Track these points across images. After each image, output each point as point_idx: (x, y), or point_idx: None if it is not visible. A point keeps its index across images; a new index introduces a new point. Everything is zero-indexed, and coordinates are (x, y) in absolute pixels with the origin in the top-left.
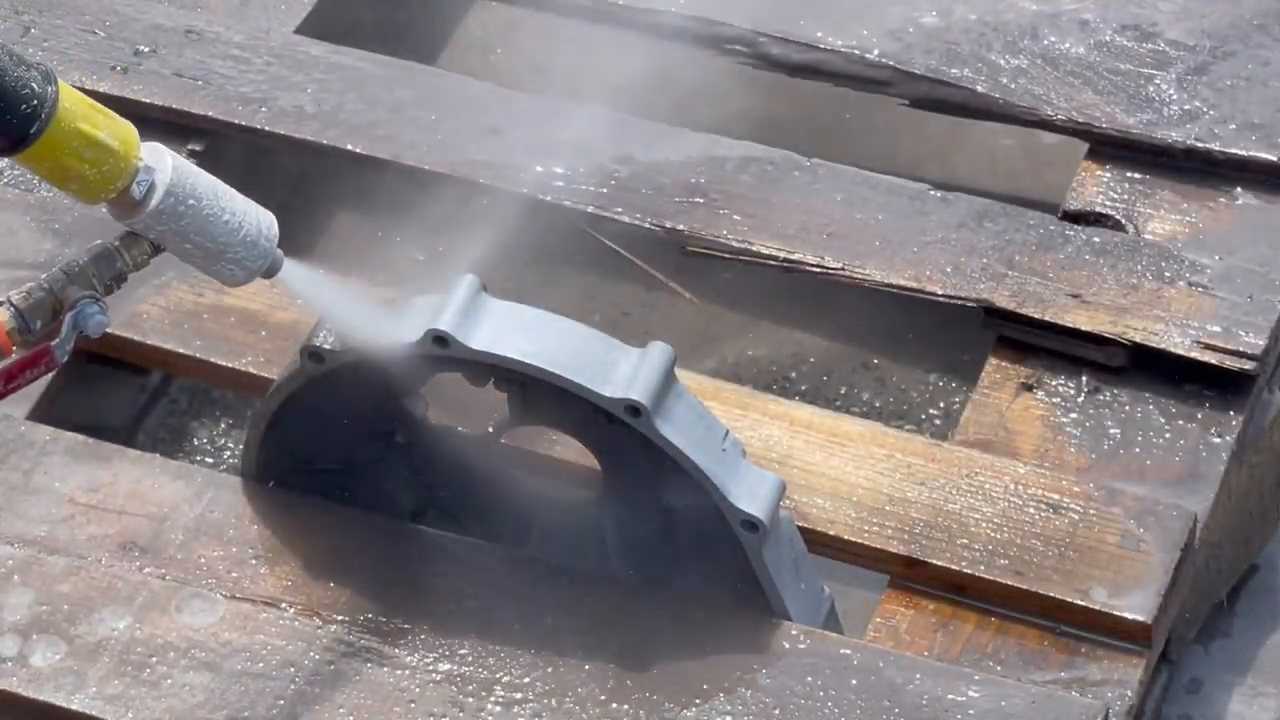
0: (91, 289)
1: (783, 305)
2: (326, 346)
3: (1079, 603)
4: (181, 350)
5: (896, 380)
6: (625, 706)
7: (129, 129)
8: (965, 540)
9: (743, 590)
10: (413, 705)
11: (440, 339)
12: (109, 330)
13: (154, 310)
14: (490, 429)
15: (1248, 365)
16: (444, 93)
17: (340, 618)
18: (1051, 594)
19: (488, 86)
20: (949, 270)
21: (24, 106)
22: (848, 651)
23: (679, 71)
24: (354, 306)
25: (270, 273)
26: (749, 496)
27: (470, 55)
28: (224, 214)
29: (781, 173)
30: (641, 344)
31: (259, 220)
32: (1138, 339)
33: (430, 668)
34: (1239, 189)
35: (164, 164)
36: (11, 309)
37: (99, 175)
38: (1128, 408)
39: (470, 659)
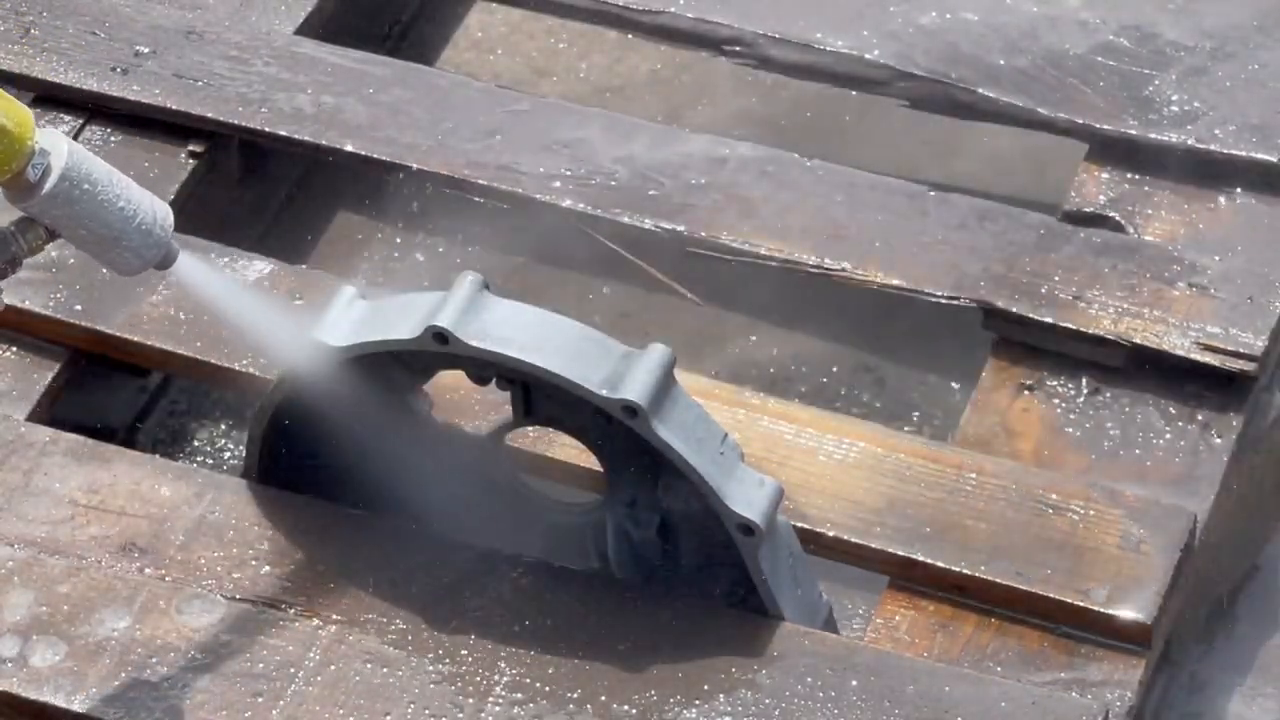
0: None
1: (783, 305)
2: (329, 342)
3: (1079, 603)
4: (181, 351)
5: (896, 380)
6: (625, 706)
7: (25, 112)
8: (965, 540)
9: (740, 594)
10: (413, 705)
11: (440, 335)
12: (109, 330)
13: (154, 311)
14: (493, 429)
15: (1248, 366)
16: (444, 93)
17: (340, 618)
18: (1051, 595)
19: (487, 86)
20: (949, 270)
21: None
22: (847, 652)
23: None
24: (249, 308)
25: (165, 264)
26: (746, 500)
27: (470, 55)
28: (119, 200)
29: (781, 173)
30: (641, 344)
31: (154, 210)
32: (1138, 340)
33: (430, 668)
34: (1239, 189)
35: (60, 149)
36: None
37: None
38: (1128, 408)
39: (470, 659)
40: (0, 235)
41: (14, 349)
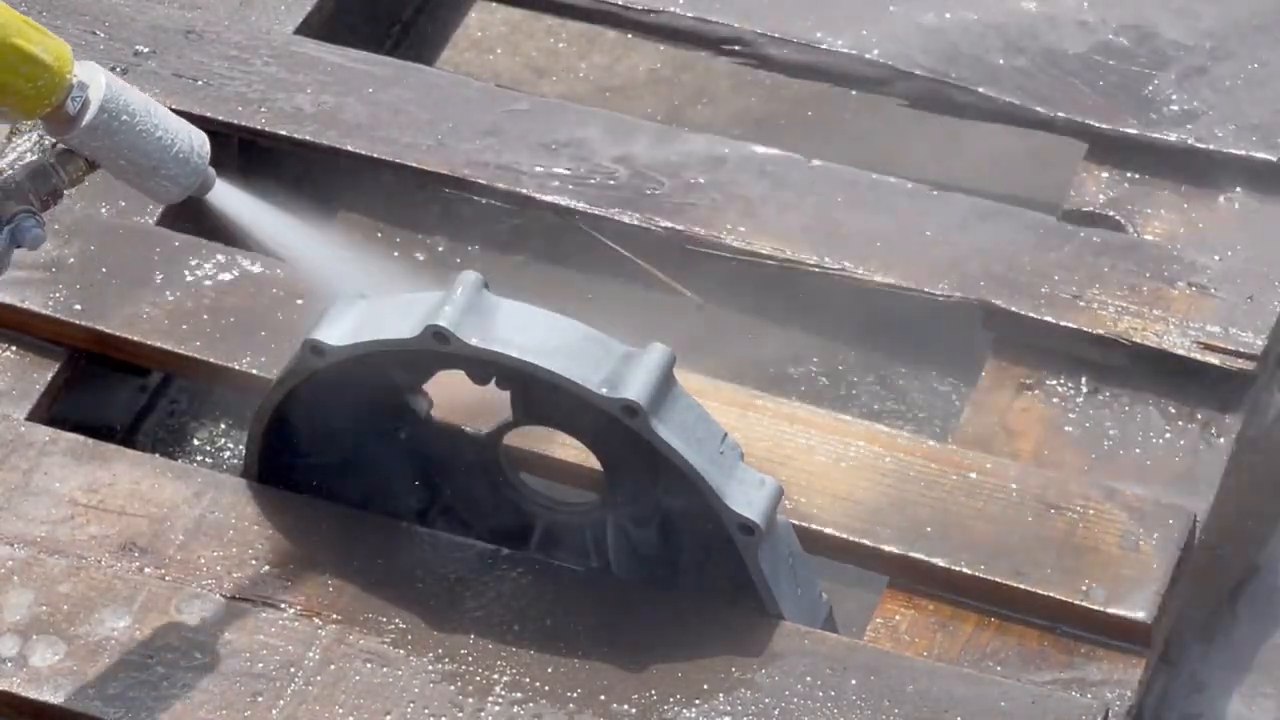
0: (28, 204)
1: (783, 305)
2: (329, 341)
3: (1079, 603)
4: (181, 350)
5: (896, 380)
6: (625, 706)
7: (63, 46)
8: (965, 540)
9: (740, 594)
10: (413, 705)
11: (440, 335)
12: (109, 330)
13: (154, 310)
14: (494, 428)
15: (1247, 366)
16: (444, 93)
17: (340, 618)
18: (1051, 594)
19: (487, 86)
20: (949, 270)
21: None
22: (847, 651)
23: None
24: (286, 233)
25: (202, 190)
26: (746, 500)
27: (470, 55)
28: (157, 130)
29: (781, 173)
30: (641, 344)
31: (191, 138)
32: (1138, 339)
33: (430, 668)
34: (1239, 189)
35: (98, 80)
36: None
37: (34, 90)
38: (1128, 408)
39: (470, 659)
40: (41, 167)
41: (14, 349)
